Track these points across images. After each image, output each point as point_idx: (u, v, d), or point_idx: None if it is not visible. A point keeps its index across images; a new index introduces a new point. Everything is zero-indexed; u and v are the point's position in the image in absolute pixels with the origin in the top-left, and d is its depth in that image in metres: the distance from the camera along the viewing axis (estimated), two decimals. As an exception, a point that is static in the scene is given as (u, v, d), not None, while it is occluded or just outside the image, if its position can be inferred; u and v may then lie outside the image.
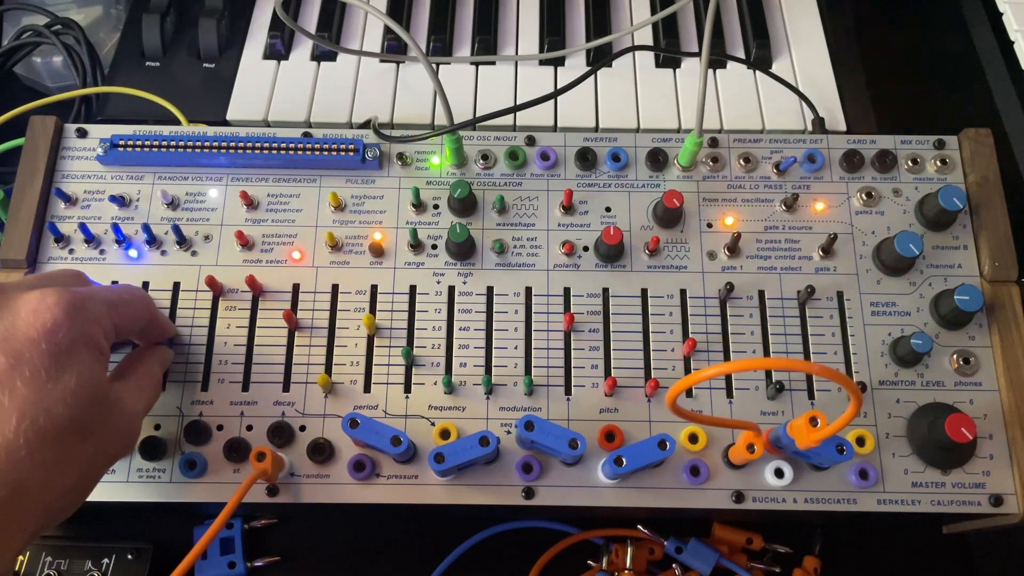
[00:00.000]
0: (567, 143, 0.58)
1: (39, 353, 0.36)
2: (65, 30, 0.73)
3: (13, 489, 0.34)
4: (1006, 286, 0.54)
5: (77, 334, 0.38)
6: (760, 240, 0.55)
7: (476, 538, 0.55)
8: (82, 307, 0.39)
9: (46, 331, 0.37)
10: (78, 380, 0.37)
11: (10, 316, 0.37)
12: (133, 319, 0.44)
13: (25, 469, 0.35)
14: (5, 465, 0.34)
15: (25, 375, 0.35)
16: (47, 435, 0.35)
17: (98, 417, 0.38)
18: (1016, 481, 0.50)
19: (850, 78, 0.70)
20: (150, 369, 0.46)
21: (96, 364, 0.39)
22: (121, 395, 0.41)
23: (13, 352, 0.36)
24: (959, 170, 0.57)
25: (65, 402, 0.36)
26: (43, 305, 0.37)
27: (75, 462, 0.37)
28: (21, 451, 0.34)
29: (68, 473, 0.37)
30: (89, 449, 0.38)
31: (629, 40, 0.71)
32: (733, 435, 0.50)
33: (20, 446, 0.34)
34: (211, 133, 0.57)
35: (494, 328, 0.53)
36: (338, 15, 0.73)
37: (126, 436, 0.42)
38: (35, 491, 0.35)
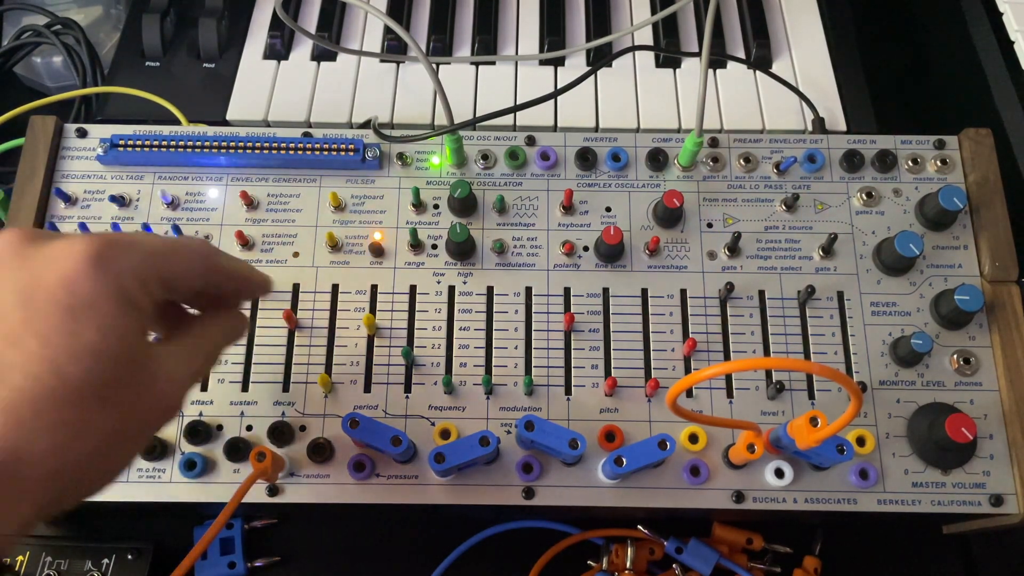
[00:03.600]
0: (567, 143, 0.58)
1: (56, 305, 0.32)
2: (65, 30, 0.73)
3: (15, 454, 0.31)
4: (1006, 286, 0.54)
5: (103, 285, 0.33)
6: (760, 240, 0.55)
7: (476, 538, 0.55)
8: (112, 255, 0.34)
9: (66, 281, 0.33)
10: (99, 336, 0.33)
11: (36, 263, 0.33)
12: (184, 270, 0.38)
13: (28, 431, 0.31)
14: (5, 427, 0.31)
15: (38, 329, 0.32)
16: (56, 396, 0.32)
17: (124, 380, 0.34)
18: (1016, 481, 0.50)
19: (850, 78, 0.70)
20: (205, 333, 0.40)
21: (125, 319, 0.34)
22: (160, 358, 0.36)
23: (29, 303, 0.32)
24: (959, 170, 0.57)
25: (80, 360, 0.32)
26: (67, 252, 0.33)
27: (92, 429, 0.33)
28: (24, 411, 0.31)
29: (83, 440, 0.33)
30: (111, 416, 0.34)
31: (629, 40, 0.71)
32: (733, 435, 0.50)
33: (23, 405, 0.31)
34: (211, 133, 0.57)
35: (494, 328, 0.53)
36: (338, 15, 0.73)
37: (162, 405, 0.37)
38: (41, 457, 0.32)
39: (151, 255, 0.36)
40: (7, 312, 0.32)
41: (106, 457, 0.35)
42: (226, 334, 0.42)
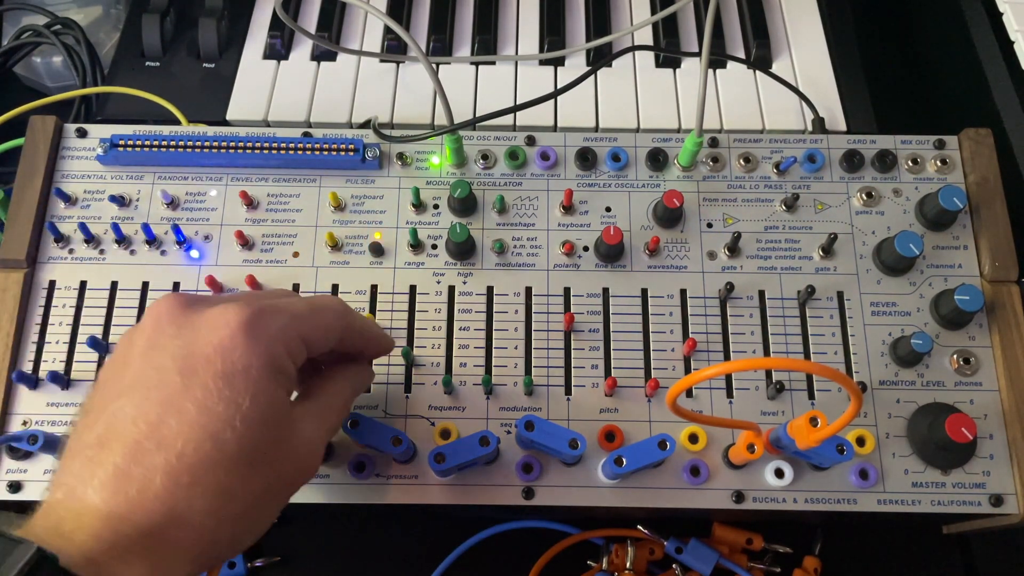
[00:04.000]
0: (567, 143, 0.58)
1: (213, 373, 0.34)
2: (65, 30, 0.73)
3: (172, 517, 0.32)
4: (1006, 286, 0.54)
5: (254, 353, 0.35)
6: (760, 240, 0.55)
7: (476, 538, 0.55)
8: (262, 323, 0.36)
9: (222, 349, 0.34)
10: (252, 403, 0.34)
11: (191, 332, 0.35)
12: (324, 332, 0.39)
13: (186, 497, 0.33)
14: (165, 492, 0.32)
15: (196, 396, 0.33)
16: (210, 461, 0.33)
17: (272, 444, 0.35)
18: (1016, 481, 0.50)
19: (850, 78, 0.70)
20: (337, 390, 0.41)
21: (274, 385, 0.36)
22: (302, 419, 0.38)
23: (188, 370, 0.34)
24: (959, 170, 0.57)
25: (234, 427, 0.34)
26: (222, 321, 0.35)
27: (243, 491, 0.34)
28: (183, 477, 0.33)
29: (235, 502, 0.34)
30: (259, 479, 0.35)
31: (629, 40, 0.71)
32: (733, 435, 0.50)
33: (182, 472, 0.33)
34: (211, 133, 0.57)
35: (494, 328, 0.53)
36: (338, 15, 0.73)
37: (304, 464, 0.38)
38: (198, 520, 0.33)
39: (295, 319, 0.38)
40: (167, 378, 0.34)
41: (254, 517, 0.37)
42: (354, 387, 0.43)
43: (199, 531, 0.33)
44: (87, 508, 0.32)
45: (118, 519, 0.32)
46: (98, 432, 0.34)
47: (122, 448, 0.33)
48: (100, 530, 0.32)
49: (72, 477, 0.33)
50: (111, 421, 0.34)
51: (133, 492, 0.32)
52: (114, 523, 0.32)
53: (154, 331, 0.36)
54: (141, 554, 0.32)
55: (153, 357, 0.35)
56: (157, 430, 0.33)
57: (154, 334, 0.36)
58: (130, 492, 0.32)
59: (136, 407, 0.34)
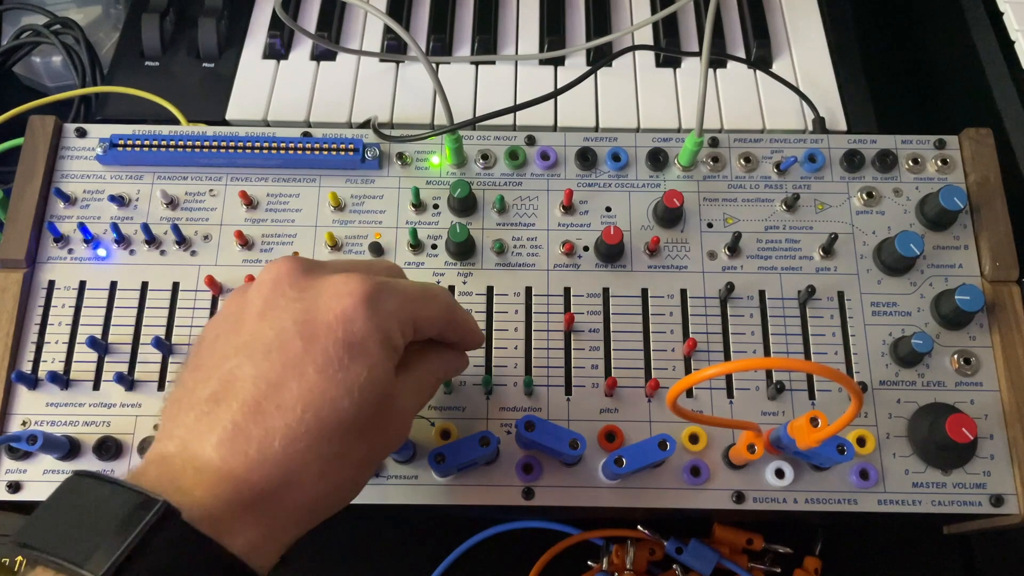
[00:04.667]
0: (567, 143, 0.58)
1: (334, 340, 0.34)
2: (64, 30, 0.73)
3: (287, 480, 0.33)
4: (1007, 286, 0.54)
5: (373, 326, 0.35)
6: (760, 240, 0.55)
7: (476, 538, 0.55)
8: (382, 298, 0.36)
9: (345, 318, 0.35)
10: (368, 374, 0.35)
11: (313, 297, 0.35)
12: (433, 319, 0.40)
13: (302, 460, 0.33)
14: (283, 453, 0.32)
15: (318, 362, 0.34)
16: (328, 428, 0.33)
17: (378, 415, 0.36)
18: (1017, 481, 0.49)
19: (850, 78, 0.70)
20: (432, 369, 0.42)
21: (386, 360, 0.36)
22: (401, 392, 0.38)
23: (310, 335, 0.34)
24: (960, 170, 0.57)
25: (352, 395, 0.34)
26: (344, 289, 0.35)
27: (350, 458, 0.35)
28: (300, 442, 0.33)
29: (343, 468, 0.35)
30: (365, 446, 0.36)
31: (629, 40, 0.71)
32: (733, 435, 0.50)
33: (300, 436, 0.33)
34: (210, 133, 0.57)
35: (494, 328, 0.53)
36: (337, 15, 0.73)
37: (398, 435, 0.39)
38: (309, 484, 0.34)
39: (410, 301, 0.38)
40: (288, 341, 0.34)
41: (355, 482, 0.38)
42: (447, 370, 0.44)
43: (310, 495, 0.34)
44: (206, 464, 0.32)
45: (236, 478, 0.32)
46: (213, 388, 0.34)
47: (241, 407, 0.33)
48: (219, 488, 0.32)
49: (186, 431, 0.33)
50: (228, 379, 0.34)
51: (252, 452, 0.32)
52: (233, 482, 0.32)
53: (273, 292, 0.36)
54: (256, 514, 0.32)
55: (273, 318, 0.35)
56: (278, 392, 0.33)
57: (273, 295, 0.36)
58: (249, 452, 0.32)
59: (256, 367, 0.34)
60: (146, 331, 0.52)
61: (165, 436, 0.34)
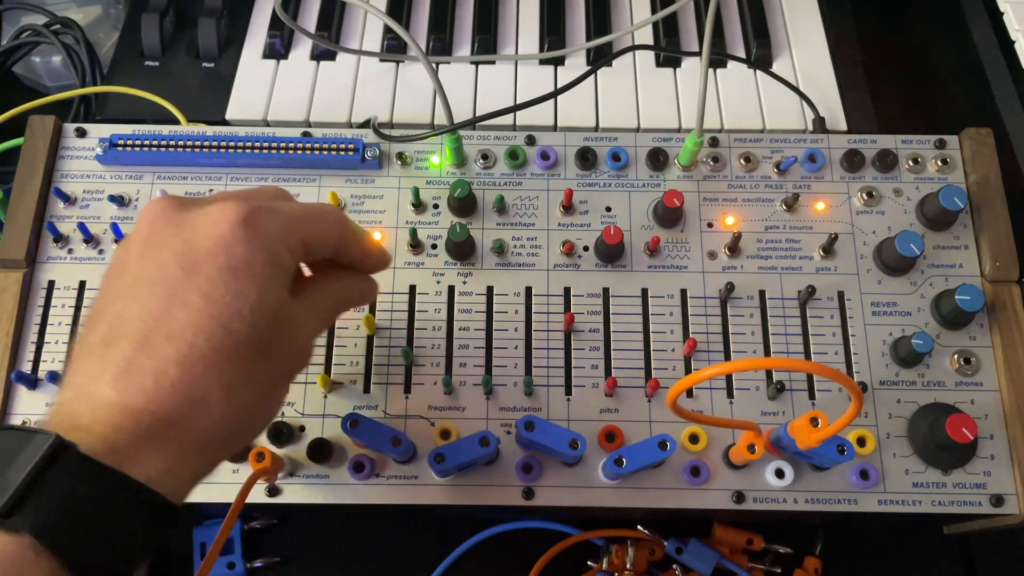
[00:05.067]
0: (567, 143, 0.58)
1: (216, 266, 0.34)
2: (64, 30, 0.73)
3: (190, 405, 0.33)
4: (1007, 286, 0.54)
5: (256, 247, 0.35)
6: (761, 240, 0.55)
7: (476, 538, 0.55)
8: (262, 220, 0.36)
9: (224, 243, 0.35)
10: (258, 294, 0.35)
11: (190, 228, 0.35)
12: (322, 235, 0.40)
13: (201, 385, 0.33)
14: (180, 380, 0.33)
15: (202, 288, 0.34)
16: (223, 350, 0.34)
17: (277, 335, 0.36)
18: (1017, 481, 0.49)
19: (851, 78, 0.70)
20: (331, 290, 0.42)
21: (276, 280, 0.36)
22: (298, 314, 0.38)
23: (190, 264, 0.34)
24: (960, 170, 0.57)
25: (242, 317, 0.34)
26: (220, 216, 0.35)
27: (254, 379, 0.35)
28: (197, 366, 0.33)
29: (246, 391, 0.35)
30: (266, 368, 0.36)
31: (629, 39, 0.71)
32: (734, 435, 0.50)
33: (195, 361, 0.33)
34: (210, 133, 0.57)
35: (494, 328, 0.53)
36: (337, 14, 0.73)
37: (301, 355, 0.39)
38: (214, 408, 0.34)
39: (293, 219, 0.38)
40: (170, 274, 0.34)
41: (263, 407, 0.38)
42: (350, 293, 0.44)
43: (216, 419, 0.34)
44: (102, 402, 0.33)
45: (135, 410, 0.32)
46: (103, 332, 0.34)
47: (131, 343, 0.33)
48: (119, 420, 0.32)
49: (81, 376, 0.34)
50: (115, 320, 0.34)
51: (149, 383, 0.33)
52: (133, 413, 0.32)
53: (150, 231, 0.36)
54: (161, 442, 0.33)
55: (152, 256, 0.35)
56: (165, 323, 0.33)
57: (151, 234, 0.36)
58: (145, 383, 0.33)
59: (141, 304, 0.34)
60: (146, 331, 0.52)
61: (64, 387, 0.35)
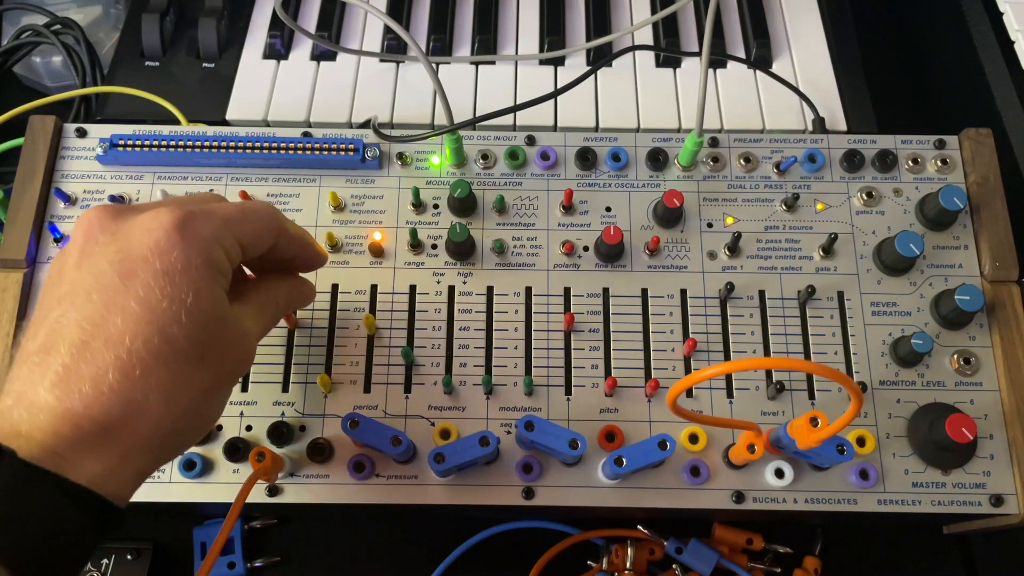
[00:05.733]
0: (567, 143, 0.58)
1: (152, 272, 0.35)
2: (64, 30, 0.73)
3: (129, 409, 0.34)
4: (1007, 286, 0.54)
5: (192, 252, 0.36)
6: (760, 240, 0.55)
7: (476, 538, 0.55)
8: (196, 224, 0.37)
9: (159, 250, 0.35)
10: (194, 300, 0.35)
11: (124, 236, 0.36)
12: (257, 234, 0.40)
13: (140, 390, 0.34)
14: (120, 385, 0.33)
15: (139, 295, 0.34)
16: (161, 355, 0.34)
17: (215, 338, 0.37)
18: (1017, 481, 0.50)
19: (850, 78, 0.70)
20: (271, 292, 0.43)
21: (213, 283, 0.37)
22: (239, 317, 0.39)
23: (127, 272, 0.35)
24: (959, 170, 0.57)
25: (180, 322, 0.35)
26: (155, 223, 0.36)
27: (192, 384, 0.36)
28: (135, 371, 0.34)
29: (187, 394, 0.36)
30: (207, 372, 0.36)
31: (629, 40, 0.71)
32: (733, 435, 0.50)
33: (133, 366, 0.34)
34: (211, 133, 0.57)
35: (494, 328, 0.53)
36: (338, 15, 0.73)
37: (243, 358, 0.40)
38: (154, 412, 0.34)
39: (228, 221, 0.38)
40: (107, 282, 0.35)
41: (204, 410, 0.38)
42: (291, 295, 0.45)
43: (155, 422, 0.34)
44: (41, 407, 0.33)
45: (75, 415, 0.33)
46: (41, 340, 0.35)
47: (69, 349, 0.34)
48: (58, 426, 0.33)
49: (20, 383, 0.34)
50: (54, 327, 0.35)
51: (87, 388, 0.33)
52: (71, 418, 0.33)
53: (86, 241, 0.36)
54: (102, 445, 0.33)
55: (89, 264, 0.36)
56: (103, 329, 0.34)
57: (86, 243, 0.36)
58: (83, 389, 0.33)
59: (79, 311, 0.34)
60: (146, 331, 0.52)
61: (3, 394, 0.35)
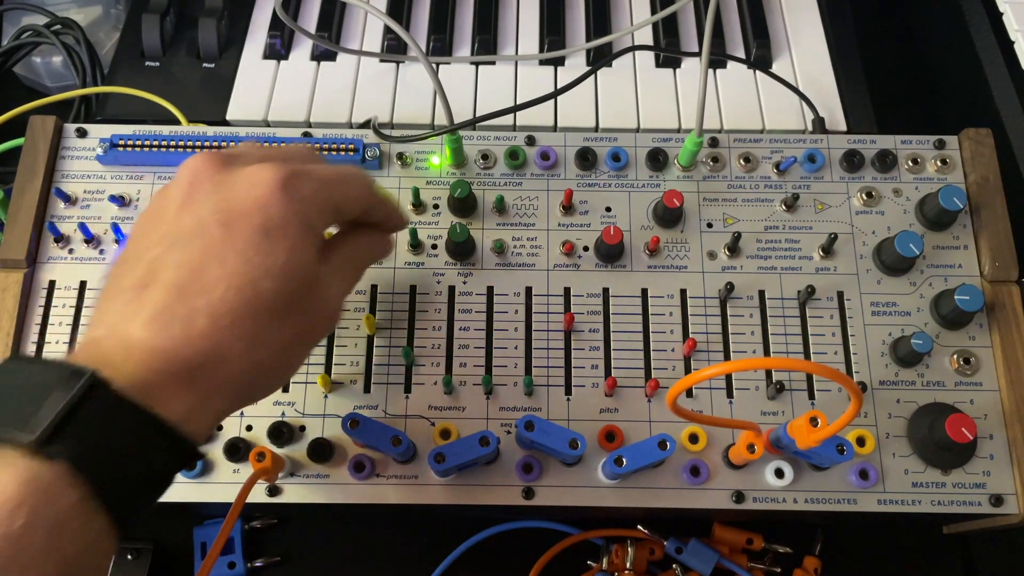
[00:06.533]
0: (567, 143, 0.58)
1: (251, 227, 0.36)
2: (65, 30, 0.73)
3: (216, 355, 0.35)
4: (1006, 286, 0.54)
5: (290, 211, 0.37)
6: (760, 240, 0.55)
7: (476, 538, 0.55)
8: (298, 184, 0.38)
9: (260, 205, 0.37)
10: (287, 257, 0.37)
11: (229, 188, 0.37)
12: (353, 199, 0.42)
13: (228, 337, 0.35)
14: (209, 330, 0.35)
15: (237, 247, 0.36)
16: (250, 307, 0.35)
17: (301, 297, 0.38)
18: (1016, 481, 0.50)
19: (850, 78, 0.70)
20: (356, 252, 0.44)
21: (306, 243, 0.38)
22: (327, 276, 0.40)
23: (228, 223, 0.36)
24: (959, 170, 0.57)
25: (272, 277, 0.36)
26: (260, 178, 0.37)
27: (275, 338, 0.37)
28: (224, 319, 0.35)
29: (269, 347, 0.37)
30: (288, 329, 0.38)
31: (629, 40, 0.71)
32: (733, 435, 0.50)
33: (224, 314, 0.35)
34: (211, 133, 0.57)
35: (494, 328, 0.53)
36: (338, 15, 0.73)
37: (326, 319, 0.41)
38: (236, 360, 0.36)
39: (327, 184, 0.40)
40: (208, 230, 0.36)
41: (282, 364, 0.40)
42: (372, 253, 0.46)
43: (237, 371, 0.36)
44: (134, 343, 0.34)
45: (166, 353, 0.34)
46: (138, 276, 0.36)
47: (165, 290, 0.35)
48: (151, 362, 0.34)
49: (114, 316, 0.35)
50: (152, 267, 0.36)
51: (177, 330, 0.34)
52: (163, 356, 0.34)
53: (191, 186, 0.38)
54: (187, 386, 0.34)
55: (192, 210, 0.37)
56: (200, 275, 0.35)
57: (191, 189, 0.38)
58: (174, 330, 0.34)
59: (179, 254, 0.36)
60: (146, 331, 0.52)
61: (94, 324, 0.36)
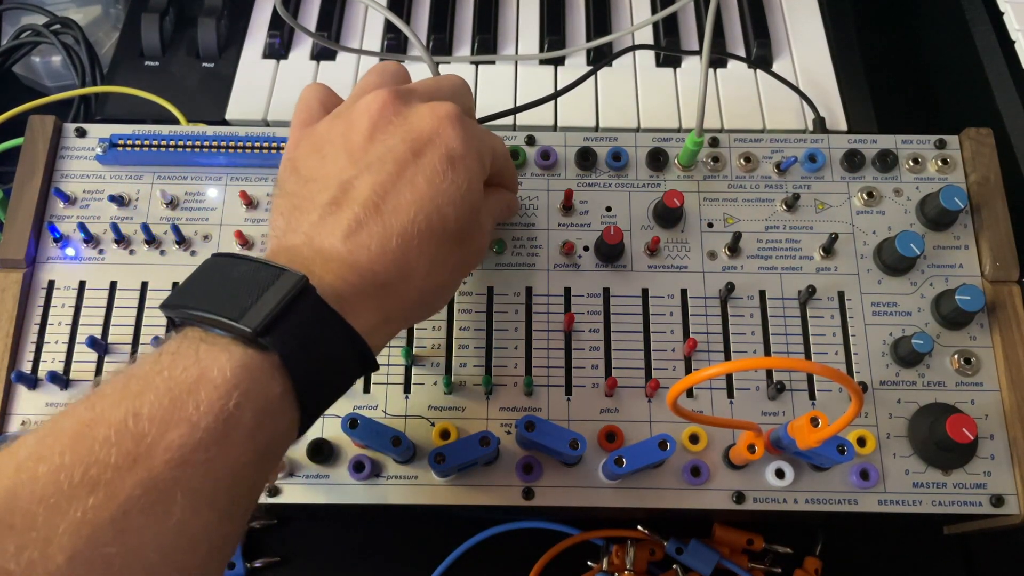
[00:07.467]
0: (567, 143, 0.58)
1: (440, 155, 0.39)
2: (64, 30, 0.73)
3: (402, 274, 0.38)
4: (1007, 286, 0.54)
5: (470, 145, 0.40)
6: (761, 240, 0.55)
7: (476, 538, 0.55)
8: (470, 123, 0.41)
9: (447, 136, 0.39)
10: (468, 187, 0.39)
11: (416, 119, 0.40)
12: (500, 152, 0.45)
13: (414, 258, 0.38)
14: (400, 250, 0.37)
15: (427, 173, 0.38)
16: (435, 231, 0.38)
17: (470, 225, 0.41)
18: (1017, 481, 0.49)
19: (850, 78, 0.70)
20: (498, 199, 0.47)
21: (480, 175, 0.41)
22: (484, 209, 0.43)
23: (418, 150, 0.39)
24: (960, 170, 0.57)
25: (455, 204, 0.39)
26: (441, 112, 0.40)
27: (449, 263, 0.40)
28: (413, 240, 0.37)
29: (443, 270, 0.40)
30: (458, 254, 0.41)
31: (629, 40, 0.71)
32: (734, 435, 0.50)
33: (413, 235, 0.37)
34: (210, 133, 0.57)
35: (494, 328, 0.53)
36: (338, 14, 0.73)
37: (480, 251, 0.44)
38: (418, 280, 0.38)
39: (485, 131, 0.44)
40: (400, 156, 0.39)
41: (450, 287, 0.43)
42: (509, 204, 0.50)
43: (418, 290, 0.39)
44: (332, 255, 0.37)
45: (361, 267, 0.37)
46: (333, 194, 0.38)
47: (363, 208, 0.37)
48: (347, 274, 0.36)
49: (310, 227, 0.38)
50: (346, 187, 0.38)
51: (374, 247, 0.37)
52: (358, 271, 0.36)
53: (379, 116, 0.40)
54: (375, 301, 0.37)
55: (381, 140, 0.39)
56: (393, 197, 0.38)
57: (379, 119, 0.40)
58: (371, 246, 0.37)
59: (373, 176, 0.38)
60: (146, 331, 0.52)
61: (287, 232, 0.39)
